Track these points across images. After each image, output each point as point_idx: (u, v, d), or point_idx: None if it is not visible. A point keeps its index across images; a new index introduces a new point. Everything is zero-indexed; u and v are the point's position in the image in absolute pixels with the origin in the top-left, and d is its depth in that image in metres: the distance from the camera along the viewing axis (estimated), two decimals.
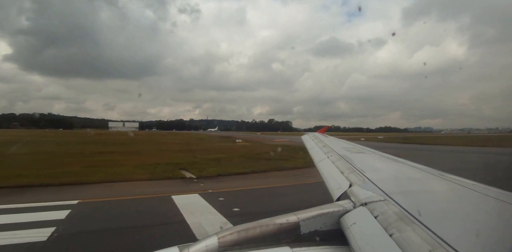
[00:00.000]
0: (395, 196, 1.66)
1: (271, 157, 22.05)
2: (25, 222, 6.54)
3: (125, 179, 11.85)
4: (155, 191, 9.98)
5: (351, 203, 1.71)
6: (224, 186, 10.93)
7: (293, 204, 8.16)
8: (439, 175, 2.36)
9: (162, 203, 8.39)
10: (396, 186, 2.04)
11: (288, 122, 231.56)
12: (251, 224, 1.48)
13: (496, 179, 11.20)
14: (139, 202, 8.67)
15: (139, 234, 5.98)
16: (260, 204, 8.60)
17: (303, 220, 1.52)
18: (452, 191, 2.00)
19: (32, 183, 10.66)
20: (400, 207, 1.48)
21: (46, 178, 11.42)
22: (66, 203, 8.20)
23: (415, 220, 1.30)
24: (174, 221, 6.80)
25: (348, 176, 2.41)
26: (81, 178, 11.67)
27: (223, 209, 7.57)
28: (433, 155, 27.11)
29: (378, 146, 33.23)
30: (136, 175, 12.72)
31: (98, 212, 7.57)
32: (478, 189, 1.88)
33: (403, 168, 2.90)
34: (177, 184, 11.44)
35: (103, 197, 9.09)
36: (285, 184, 11.72)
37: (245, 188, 10.72)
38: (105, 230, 6.27)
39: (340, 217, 1.58)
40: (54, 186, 10.56)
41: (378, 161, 3.47)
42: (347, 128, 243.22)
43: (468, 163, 20.47)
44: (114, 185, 11.02)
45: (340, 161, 3.14)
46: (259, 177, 13.40)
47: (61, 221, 6.64)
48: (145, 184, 11.31)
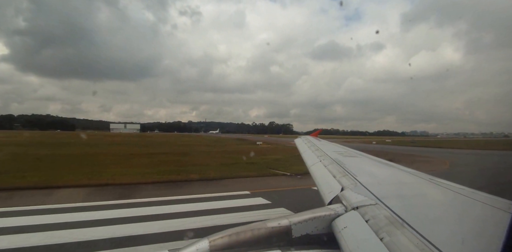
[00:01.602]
0: (386, 200, 1.70)
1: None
2: (240, 206, 8.57)
3: (242, 176, 14.04)
4: (293, 184, 12.19)
5: (343, 207, 1.75)
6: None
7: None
8: (429, 179, 2.45)
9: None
10: (387, 190, 2.10)
11: (289, 125, 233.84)
12: (242, 228, 1.51)
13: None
14: (302, 191, 10.61)
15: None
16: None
17: (294, 224, 1.56)
18: (441, 195, 2.08)
19: (192, 178, 12.96)
20: (391, 211, 1.53)
21: (187, 174, 13.66)
22: (243, 192, 10.37)
23: (405, 224, 1.36)
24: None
25: (340, 179, 2.45)
26: (206, 175, 13.83)
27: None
28: (478, 158, 28.54)
29: (404, 150, 35.48)
30: (244, 172, 14.77)
31: (288, 198, 9.61)
32: (466, 194, 1.95)
33: (394, 172, 3.01)
34: (292, 179, 13.62)
35: (267, 188, 11.24)
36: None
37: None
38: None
39: (331, 220, 1.62)
40: (205, 180, 12.69)
41: (370, 165, 3.52)
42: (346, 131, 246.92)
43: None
44: (244, 180, 13.21)
45: (332, 164, 3.21)
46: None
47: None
48: (269, 179, 13.47)
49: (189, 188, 11.34)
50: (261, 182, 12.95)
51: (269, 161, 20.50)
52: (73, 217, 7.31)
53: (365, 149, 34.84)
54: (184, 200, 9.20)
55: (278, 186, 11.79)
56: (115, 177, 12.68)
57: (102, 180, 11.87)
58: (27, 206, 8.25)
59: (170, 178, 12.96)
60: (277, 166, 17.72)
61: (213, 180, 13.10)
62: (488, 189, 2.13)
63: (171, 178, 12.97)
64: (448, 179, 2.39)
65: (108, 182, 11.57)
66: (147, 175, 13.37)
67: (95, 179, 12.03)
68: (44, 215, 7.42)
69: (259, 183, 12.67)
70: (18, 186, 10.57)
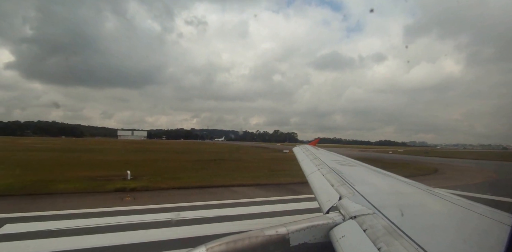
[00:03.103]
0: (384, 210, 1.74)
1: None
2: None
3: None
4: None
5: (341, 215, 1.78)
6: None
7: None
8: (427, 190, 2.53)
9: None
10: (385, 200, 2.17)
11: (294, 133, 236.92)
12: (240, 236, 1.52)
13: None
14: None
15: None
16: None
17: (292, 232, 1.57)
18: (439, 206, 2.14)
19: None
20: (389, 221, 1.55)
21: (277, 178, 16.70)
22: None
23: (403, 234, 1.37)
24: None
25: (338, 188, 2.49)
26: (297, 179, 17.32)
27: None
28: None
29: (431, 160, 38.77)
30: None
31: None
32: (464, 205, 2.02)
33: (392, 182, 3.08)
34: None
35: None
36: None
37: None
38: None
39: (329, 229, 1.64)
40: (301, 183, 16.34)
41: (368, 174, 3.58)
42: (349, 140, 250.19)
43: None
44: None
45: (330, 173, 3.27)
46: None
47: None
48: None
49: (307, 188, 14.93)
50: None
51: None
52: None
53: (393, 158, 39.59)
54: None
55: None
56: (250, 178, 16.21)
57: (248, 181, 15.50)
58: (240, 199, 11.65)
59: (279, 180, 16.28)
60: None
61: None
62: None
63: (280, 180, 16.27)
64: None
65: (259, 183, 15.26)
66: (257, 179, 16.70)
67: (244, 180, 15.51)
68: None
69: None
70: (207, 185, 14.22)
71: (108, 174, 16.39)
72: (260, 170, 21.60)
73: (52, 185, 13.05)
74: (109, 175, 16.20)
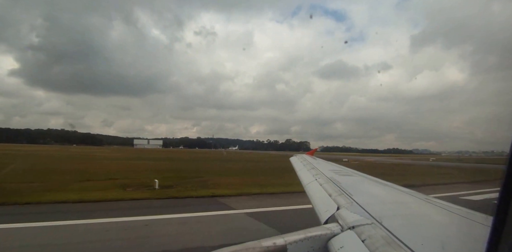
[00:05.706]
0: (383, 220, 1.71)
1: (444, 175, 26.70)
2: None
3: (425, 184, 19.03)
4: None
5: (339, 226, 1.73)
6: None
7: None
8: (426, 199, 2.48)
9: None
10: (384, 210, 2.10)
11: (306, 142, 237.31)
12: (236, 247, 1.48)
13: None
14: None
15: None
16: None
17: (290, 243, 1.54)
18: (438, 216, 2.10)
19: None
20: (388, 231, 1.53)
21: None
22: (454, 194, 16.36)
23: (402, 245, 1.35)
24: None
25: (336, 198, 2.43)
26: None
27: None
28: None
29: (482, 167, 37.51)
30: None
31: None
32: (464, 214, 1.98)
33: (390, 191, 3.03)
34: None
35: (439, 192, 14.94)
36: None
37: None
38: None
39: (327, 240, 1.60)
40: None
41: (365, 184, 3.55)
42: (358, 149, 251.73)
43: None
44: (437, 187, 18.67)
45: (328, 183, 3.18)
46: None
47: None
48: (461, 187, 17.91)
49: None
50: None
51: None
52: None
53: (462, 167, 37.92)
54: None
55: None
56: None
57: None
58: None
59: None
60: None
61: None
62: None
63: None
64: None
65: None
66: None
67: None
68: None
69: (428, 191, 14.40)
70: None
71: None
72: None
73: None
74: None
